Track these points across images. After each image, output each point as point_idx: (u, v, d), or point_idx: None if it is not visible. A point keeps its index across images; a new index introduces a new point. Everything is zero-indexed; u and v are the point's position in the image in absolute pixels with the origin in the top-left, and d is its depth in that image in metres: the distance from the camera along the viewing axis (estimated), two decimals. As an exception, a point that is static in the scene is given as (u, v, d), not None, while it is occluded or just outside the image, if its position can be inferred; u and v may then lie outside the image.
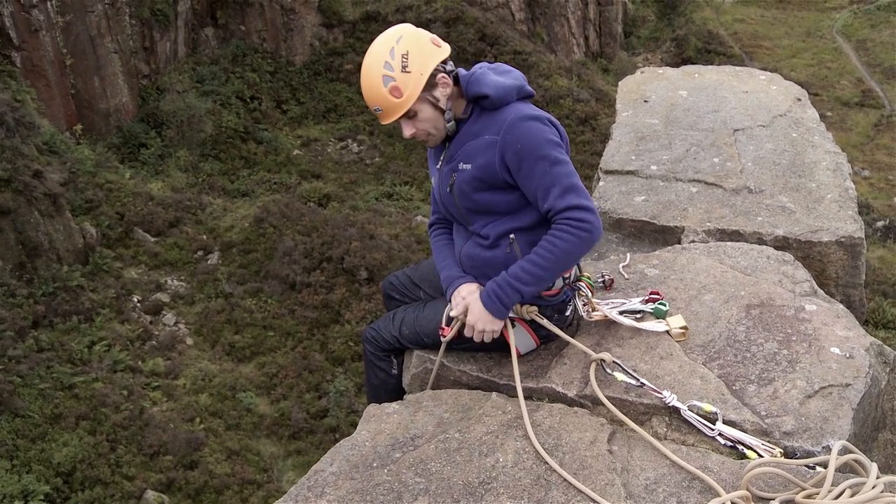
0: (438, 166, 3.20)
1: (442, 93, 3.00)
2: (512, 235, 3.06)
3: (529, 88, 3.10)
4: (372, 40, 3.04)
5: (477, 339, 3.06)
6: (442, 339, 3.19)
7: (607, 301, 3.43)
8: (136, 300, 24.27)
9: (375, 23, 39.66)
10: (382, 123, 3.05)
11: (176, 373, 22.03)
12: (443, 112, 3.03)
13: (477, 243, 3.14)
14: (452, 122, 3.06)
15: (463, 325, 3.11)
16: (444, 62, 3.01)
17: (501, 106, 2.99)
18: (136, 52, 33.49)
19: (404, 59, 2.90)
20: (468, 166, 3.02)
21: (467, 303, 3.06)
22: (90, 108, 31.23)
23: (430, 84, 2.96)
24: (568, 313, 3.24)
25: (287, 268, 25.55)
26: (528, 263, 2.92)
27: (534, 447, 2.74)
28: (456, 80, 3.07)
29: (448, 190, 3.12)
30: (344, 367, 22.61)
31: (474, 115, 3.06)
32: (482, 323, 3.01)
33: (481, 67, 3.11)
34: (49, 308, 22.27)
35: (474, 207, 3.09)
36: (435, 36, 3.04)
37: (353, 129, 37.29)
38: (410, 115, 2.99)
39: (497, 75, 3.06)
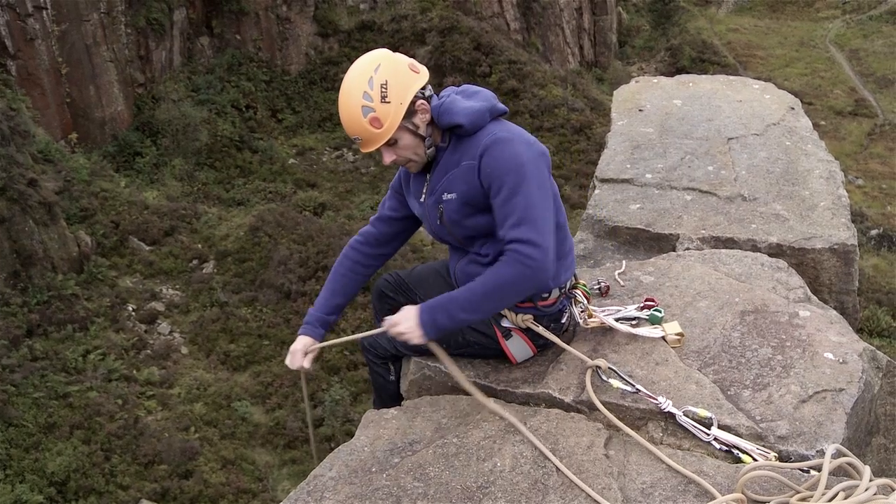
0: (422, 200, 3.17)
1: (422, 119, 2.97)
2: None
3: (501, 106, 3.06)
4: (367, 49, 3.03)
5: (391, 333, 3.01)
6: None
7: (603, 308, 3.45)
8: (130, 309, 24.24)
9: (371, 32, 39.78)
10: (363, 152, 3.03)
11: (171, 382, 22.00)
12: (423, 139, 3.00)
13: (474, 260, 3.14)
14: (433, 149, 3.05)
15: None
16: (423, 88, 2.97)
17: (476, 131, 2.97)
18: (132, 61, 33.52)
19: (383, 89, 2.86)
20: (453, 195, 3.00)
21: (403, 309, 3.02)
22: (85, 117, 31.24)
23: (410, 112, 2.93)
24: (564, 321, 3.25)
25: (282, 276, 25.55)
26: (466, 290, 2.89)
27: (532, 448, 2.76)
28: None
29: (438, 222, 3.11)
30: (339, 376, 22.60)
31: (452, 143, 3.04)
32: (405, 325, 2.94)
33: (449, 94, 3.07)
34: (43, 317, 22.24)
35: (469, 234, 3.08)
36: (413, 61, 3.00)
37: (348, 138, 37.02)
38: (391, 143, 2.97)
39: (466, 99, 3.02)
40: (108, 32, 32.02)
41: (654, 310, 3.38)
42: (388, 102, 2.87)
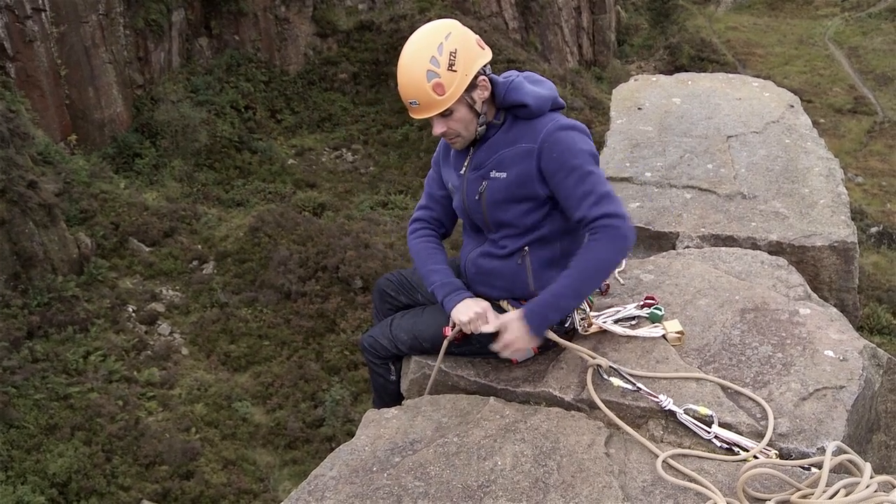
0: (462, 171, 3.14)
1: (480, 96, 2.96)
2: (526, 248, 3.07)
3: (561, 100, 3.07)
4: (366, 49, 3.02)
5: (504, 355, 3.07)
6: (446, 339, 3.18)
7: (602, 312, 3.45)
8: (131, 310, 24.23)
9: (369, 32, 39.75)
10: (413, 117, 2.98)
11: (171, 383, 21.98)
12: (477, 115, 2.99)
13: (489, 252, 3.13)
14: (484, 127, 3.03)
15: (460, 329, 3.11)
16: (485, 66, 2.97)
17: (538, 116, 2.98)
18: (131, 63, 33.51)
19: (452, 57, 2.84)
20: (502, 174, 2.99)
21: (503, 322, 3.01)
22: (84, 119, 31.22)
23: (472, 86, 2.91)
24: (567, 324, 3.26)
25: (282, 277, 25.54)
26: (568, 279, 2.91)
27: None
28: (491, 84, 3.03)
29: (476, 198, 3.08)
30: (340, 376, 22.59)
31: (507, 122, 3.03)
32: (521, 342, 2.99)
33: (517, 76, 3.07)
34: (44, 318, 22.23)
35: (502, 218, 3.06)
36: (479, 37, 3.01)
37: (347, 138, 37.33)
38: (445, 114, 2.94)
39: (532, 85, 3.03)
40: (107, 34, 32.00)
41: (655, 308, 3.38)
42: (455, 71, 2.85)
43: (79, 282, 24.08)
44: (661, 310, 3.37)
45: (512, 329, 2.99)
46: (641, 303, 3.45)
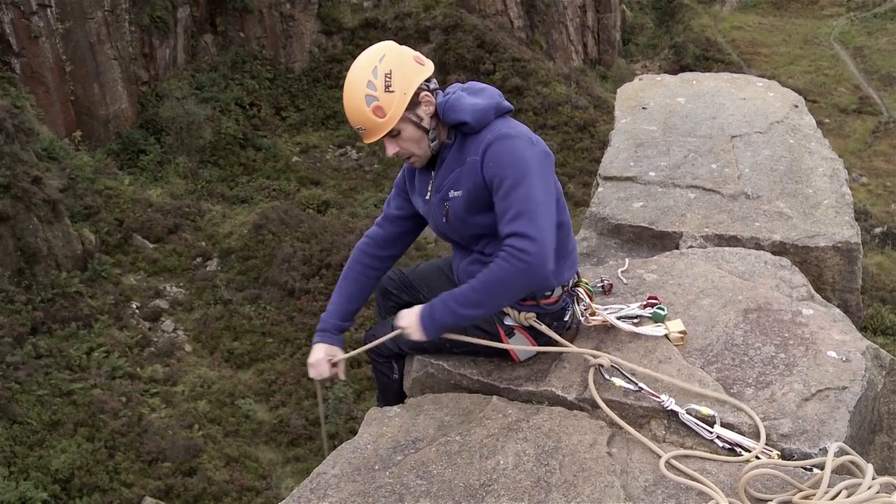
0: (427, 197, 3.16)
1: (425, 111, 2.96)
2: None
3: (506, 104, 3.04)
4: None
5: (397, 329, 3.08)
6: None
7: (606, 306, 3.45)
8: (134, 307, 24.29)
9: (374, 30, 39.77)
10: (365, 143, 3.01)
11: (174, 379, 22.03)
12: (426, 132, 2.99)
13: (477, 260, 3.13)
14: (437, 142, 3.04)
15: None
16: (428, 80, 2.96)
17: (481, 128, 2.96)
18: (136, 59, 33.57)
19: (387, 79, 2.85)
20: (458, 193, 2.99)
21: (401, 313, 3.06)
22: (89, 115, 31.28)
23: (414, 103, 2.91)
24: (567, 319, 3.25)
25: (286, 274, 25.57)
26: (467, 287, 2.88)
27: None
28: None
29: (444, 220, 3.10)
30: (343, 373, 22.61)
31: (457, 140, 3.03)
32: (405, 320, 3.00)
33: (454, 91, 3.06)
34: (48, 314, 22.28)
35: (474, 232, 3.07)
36: (418, 53, 3.00)
37: (351, 135, 37.34)
38: (394, 135, 2.95)
39: (471, 96, 3.01)
40: (112, 30, 32.06)
41: (657, 308, 3.38)
42: (392, 92, 2.86)
43: (83, 278, 24.14)
44: (663, 309, 3.37)
45: (405, 315, 3.01)
46: (644, 302, 3.44)
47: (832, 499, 2.37)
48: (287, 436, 20.85)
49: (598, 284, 3.66)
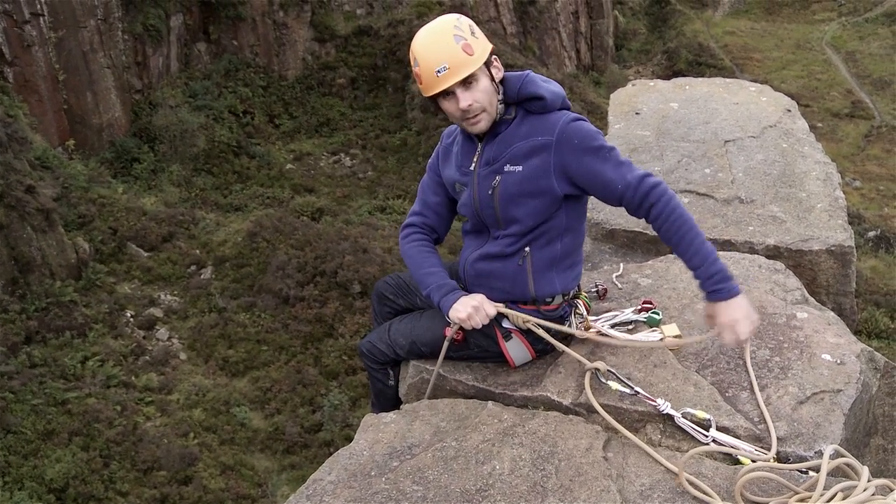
0: (472, 167, 3.12)
1: (496, 74, 2.99)
2: (527, 249, 3.06)
3: (568, 101, 3.13)
4: (364, 54, 3.07)
5: (734, 336, 2.83)
6: (446, 339, 3.18)
7: (600, 316, 3.46)
8: (129, 315, 24.23)
9: (367, 37, 39.82)
10: (435, 90, 2.92)
11: (169, 388, 21.97)
12: (497, 91, 3.00)
13: (488, 254, 3.12)
14: (503, 105, 3.03)
15: (460, 328, 3.11)
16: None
17: (550, 111, 3.01)
18: (129, 68, 33.56)
19: (472, 28, 2.94)
20: (517, 168, 2.99)
21: (716, 310, 2.86)
22: (83, 124, 31.25)
23: (488, 62, 2.96)
24: (565, 326, 3.26)
25: (280, 282, 25.54)
26: (699, 240, 2.89)
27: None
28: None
29: (490, 192, 3.05)
30: (338, 380, 22.59)
31: (518, 117, 3.03)
32: (746, 315, 2.82)
33: (530, 73, 3.11)
34: (42, 323, 22.22)
35: (514, 214, 3.04)
36: None
37: (345, 143, 37.38)
38: (469, 82, 2.92)
39: (544, 82, 3.08)
40: (105, 39, 32.05)
41: (652, 312, 3.39)
42: (477, 38, 2.94)
43: (77, 287, 24.08)
44: (658, 314, 3.38)
45: (734, 308, 2.82)
46: (639, 307, 3.45)
47: (828, 501, 2.38)
48: (283, 443, 20.81)
49: (593, 289, 3.67)
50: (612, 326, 3.36)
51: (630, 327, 3.37)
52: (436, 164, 3.34)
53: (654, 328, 3.32)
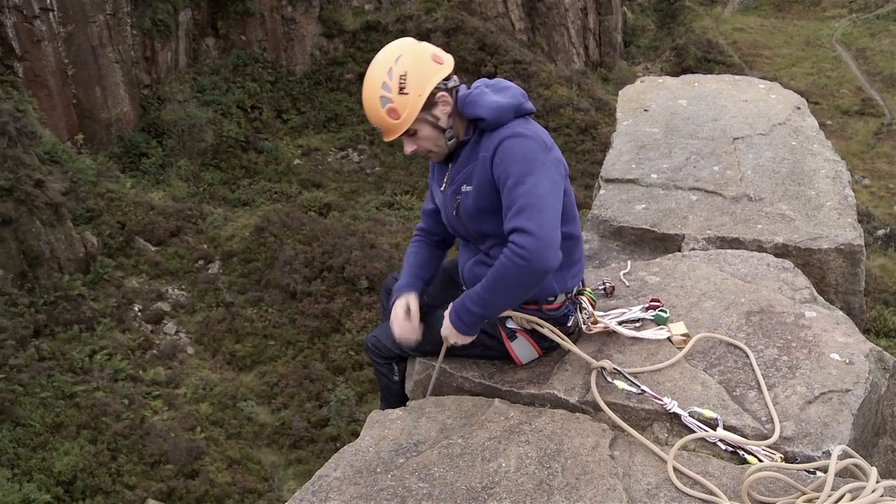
0: (442, 188, 3.17)
1: (442, 111, 2.95)
2: None
3: (528, 105, 3.02)
4: (372, 50, 3.05)
5: (450, 344, 3.11)
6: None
7: (607, 312, 3.45)
8: (136, 309, 24.28)
9: (376, 32, 39.77)
10: (385, 140, 3.02)
11: (177, 382, 22.02)
12: (443, 131, 2.99)
13: (482, 261, 3.13)
14: (454, 141, 3.03)
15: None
16: (447, 79, 2.95)
17: (499, 126, 2.94)
18: (138, 62, 33.58)
19: (402, 80, 2.85)
20: (469, 188, 3.00)
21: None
22: (91, 118, 31.29)
23: (430, 104, 2.91)
24: (569, 325, 3.25)
25: (288, 277, 25.56)
26: (478, 286, 2.90)
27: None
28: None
29: (454, 213, 3.10)
30: (345, 376, 22.59)
31: (475, 136, 3.02)
32: (452, 337, 3.05)
33: (478, 87, 3.05)
34: (50, 317, 22.28)
35: (481, 230, 3.06)
36: (437, 51, 2.99)
37: (353, 138, 37.35)
38: (410, 134, 2.97)
39: (495, 94, 2.99)
40: (114, 34, 32.07)
41: (660, 310, 3.38)
42: (406, 94, 2.87)
43: (85, 281, 24.13)
44: (666, 312, 3.37)
45: (445, 325, 3.06)
46: (647, 305, 3.45)
47: (836, 502, 2.37)
48: (289, 438, 20.83)
49: (601, 287, 3.66)
50: (620, 324, 3.36)
51: (637, 325, 3.37)
52: (430, 177, 3.38)
53: (662, 326, 3.31)
